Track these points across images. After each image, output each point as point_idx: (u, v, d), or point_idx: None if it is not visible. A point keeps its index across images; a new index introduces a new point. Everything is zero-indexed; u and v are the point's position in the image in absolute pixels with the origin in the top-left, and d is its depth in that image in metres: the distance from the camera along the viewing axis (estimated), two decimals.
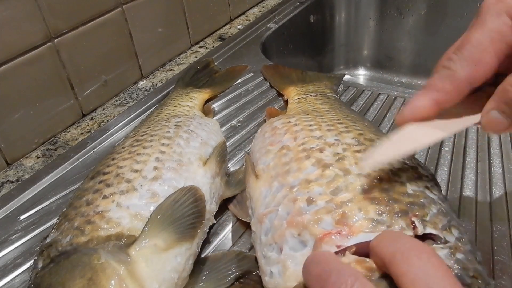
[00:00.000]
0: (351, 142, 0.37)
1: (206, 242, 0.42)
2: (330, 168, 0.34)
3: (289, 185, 0.35)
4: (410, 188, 0.32)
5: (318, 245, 0.29)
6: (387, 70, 1.07)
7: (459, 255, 0.27)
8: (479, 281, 0.26)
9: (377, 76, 1.08)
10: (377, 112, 0.60)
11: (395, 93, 0.64)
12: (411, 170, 0.34)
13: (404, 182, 0.32)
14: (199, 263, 0.38)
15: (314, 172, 0.34)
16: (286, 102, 0.61)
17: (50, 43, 0.60)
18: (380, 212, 0.30)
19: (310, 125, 0.42)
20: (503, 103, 0.29)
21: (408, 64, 1.04)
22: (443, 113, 0.31)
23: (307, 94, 0.57)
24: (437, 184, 0.35)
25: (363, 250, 0.27)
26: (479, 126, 0.31)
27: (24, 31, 0.57)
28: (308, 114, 0.46)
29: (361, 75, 1.09)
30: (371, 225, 0.29)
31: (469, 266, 0.27)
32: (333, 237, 0.29)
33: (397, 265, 0.23)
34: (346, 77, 1.07)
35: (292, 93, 0.60)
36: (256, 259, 0.36)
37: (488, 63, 0.29)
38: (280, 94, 0.65)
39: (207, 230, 0.40)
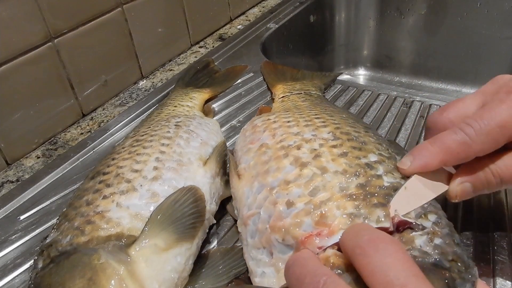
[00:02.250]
0: (327, 137, 0.38)
1: (206, 242, 0.42)
2: (308, 166, 0.35)
3: (269, 185, 0.35)
4: (387, 180, 0.33)
5: (300, 248, 0.30)
6: (387, 70, 1.07)
7: (437, 240, 0.28)
8: (459, 264, 0.27)
9: (377, 76, 1.08)
10: (377, 112, 0.60)
11: (395, 93, 0.64)
12: (387, 161, 0.35)
13: (381, 175, 0.33)
14: (198, 260, 0.38)
15: (293, 172, 0.35)
16: (273, 100, 0.61)
17: (50, 43, 0.60)
18: (358, 207, 0.30)
19: (288, 122, 0.42)
20: (480, 182, 0.32)
21: (408, 64, 1.04)
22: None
23: (292, 93, 0.58)
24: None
25: None
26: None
27: (24, 31, 0.57)
28: (288, 111, 0.47)
29: (361, 75, 1.09)
30: (349, 221, 0.30)
31: (448, 250, 0.28)
32: (314, 239, 0.30)
33: (357, 259, 0.24)
34: (346, 77, 1.08)
35: (279, 91, 0.61)
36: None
37: (500, 144, 0.31)
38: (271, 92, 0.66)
39: (207, 230, 0.40)
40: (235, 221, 0.44)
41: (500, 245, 0.39)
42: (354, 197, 0.31)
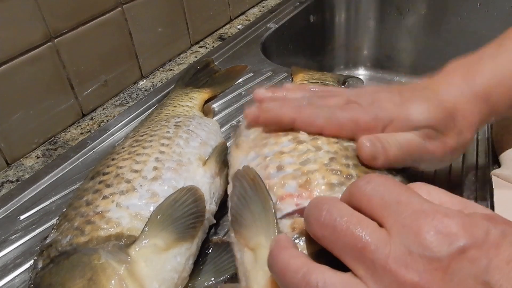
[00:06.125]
0: None
1: (206, 242, 0.42)
2: (304, 144, 0.37)
3: (264, 155, 0.37)
4: (377, 170, 0.35)
5: (277, 203, 0.32)
6: (387, 70, 1.07)
7: None
8: None
9: (377, 76, 1.08)
10: None
11: None
12: None
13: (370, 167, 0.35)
14: (197, 256, 0.38)
15: (289, 146, 0.37)
16: None
17: (50, 43, 0.60)
18: (341, 181, 0.33)
19: None
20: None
21: (408, 64, 1.04)
22: None
23: (308, 81, 0.60)
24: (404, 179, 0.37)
25: None
26: None
27: (24, 31, 0.57)
28: None
29: (361, 75, 1.09)
30: (329, 190, 0.32)
31: None
32: (293, 198, 0.32)
33: (356, 199, 0.26)
34: None
35: (298, 78, 0.62)
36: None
37: None
38: None
39: (207, 230, 0.40)
40: None
41: None
42: (340, 172, 0.33)
